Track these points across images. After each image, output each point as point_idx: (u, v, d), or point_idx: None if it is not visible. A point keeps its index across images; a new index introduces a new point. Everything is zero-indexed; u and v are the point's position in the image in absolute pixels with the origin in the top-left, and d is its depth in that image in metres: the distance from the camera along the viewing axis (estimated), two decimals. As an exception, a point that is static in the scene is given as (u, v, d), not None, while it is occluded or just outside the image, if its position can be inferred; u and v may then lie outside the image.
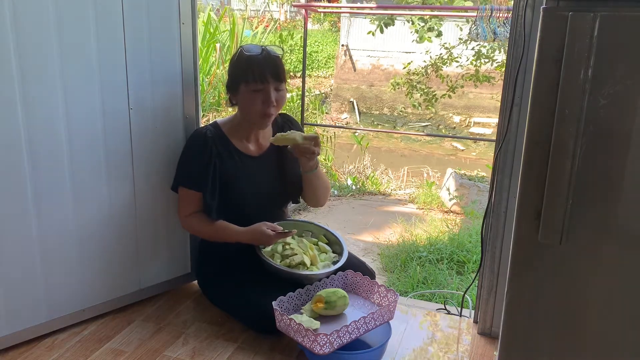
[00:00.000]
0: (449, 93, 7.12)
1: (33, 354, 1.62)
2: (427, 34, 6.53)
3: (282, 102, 1.81)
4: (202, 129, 1.85)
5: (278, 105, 1.80)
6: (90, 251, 1.73)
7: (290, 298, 1.70)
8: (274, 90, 1.76)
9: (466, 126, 11.44)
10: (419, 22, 6.53)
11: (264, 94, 1.75)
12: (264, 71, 1.74)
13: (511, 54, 1.57)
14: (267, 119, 1.81)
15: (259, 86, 1.75)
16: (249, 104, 1.78)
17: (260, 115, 1.78)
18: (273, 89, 1.76)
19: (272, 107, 1.77)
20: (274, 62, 1.77)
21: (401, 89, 7.89)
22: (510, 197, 1.65)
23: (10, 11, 1.41)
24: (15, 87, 1.46)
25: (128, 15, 1.66)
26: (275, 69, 1.76)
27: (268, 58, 1.76)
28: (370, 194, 5.94)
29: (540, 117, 1.12)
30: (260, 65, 1.74)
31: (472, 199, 5.22)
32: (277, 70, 1.76)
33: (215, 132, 1.84)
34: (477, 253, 3.65)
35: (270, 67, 1.75)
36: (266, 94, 1.75)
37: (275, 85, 1.77)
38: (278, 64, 1.78)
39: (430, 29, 6.52)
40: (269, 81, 1.75)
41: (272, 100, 1.76)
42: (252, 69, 1.74)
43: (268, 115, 1.79)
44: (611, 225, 1.13)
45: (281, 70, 1.78)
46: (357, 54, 12.68)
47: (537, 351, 1.25)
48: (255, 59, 1.75)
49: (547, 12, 1.09)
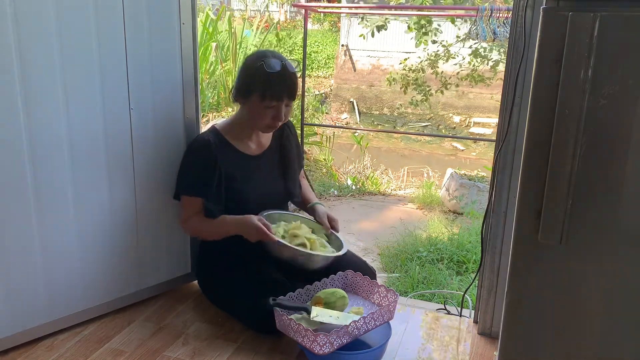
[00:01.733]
0: (441, 89, 7.15)
1: (33, 354, 1.62)
2: (422, 38, 6.57)
3: (289, 115, 1.87)
4: (204, 137, 1.84)
5: (285, 118, 1.83)
6: (91, 252, 1.73)
7: (290, 298, 1.70)
8: (284, 106, 1.79)
9: (466, 126, 11.44)
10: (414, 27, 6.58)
11: (276, 110, 1.78)
12: (282, 90, 1.76)
13: (511, 54, 1.57)
14: (271, 130, 1.87)
15: (273, 103, 1.76)
16: (258, 116, 1.79)
17: (266, 126, 1.83)
18: (284, 105, 1.79)
19: (280, 121, 1.81)
20: (291, 81, 1.78)
21: (397, 84, 7.91)
22: (510, 197, 1.65)
23: (11, 11, 1.41)
24: (17, 87, 1.46)
25: (128, 15, 1.66)
26: (291, 87, 1.78)
27: (286, 76, 1.77)
28: (370, 194, 5.95)
29: (540, 117, 1.12)
30: (278, 83, 1.75)
31: (472, 199, 5.22)
32: (292, 90, 1.79)
33: (216, 139, 1.83)
34: (477, 253, 3.65)
35: (287, 86, 1.77)
36: (277, 110, 1.78)
37: (286, 102, 1.80)
38: (295, 82, 1.79)
39: (425, 33, 6.55)
40: (284, 100, 1.77)
41: (282, 116, 1.79)
42: (270, 85, 1.74)
43: (275, 127, 1.84)
44: (611, 225, 1.13)
45: (296, 88, 1.80)
46: (357, 54, 12.67)
47: (537, 351, 1.25)
48: (274, 76, 1.74)
49: (547, 12, 1.09)
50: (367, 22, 7.03)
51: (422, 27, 6.54)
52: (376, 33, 6.69)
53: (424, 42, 6.62)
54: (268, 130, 1.87)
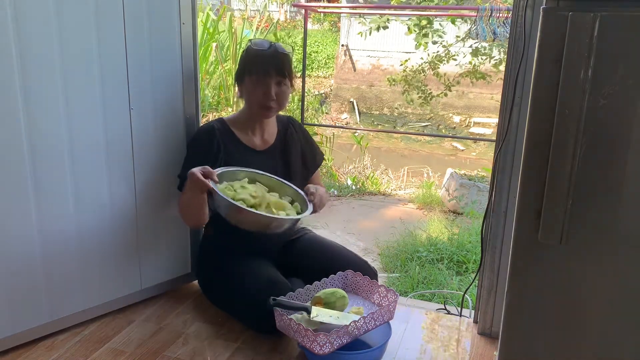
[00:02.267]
0: (445, 91, 7.13)
1: (33, 354, 1.62)
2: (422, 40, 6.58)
3: (283, 98, 1.84)
4: (208, 124, 1.87)
5: (279, 100, 1.82)
6: (91, 252, 1.73)
7: (290, 298, 1.70)
8: (275, 85, 1.80)
9: (466, 126, 11.44)
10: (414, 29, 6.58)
11: (265, 86, 1.79)
12: (268, 64, 1.79)
13: (511, 54, 1.57)
14: (266, 111, 1.84)
15: (260, 78, 1.79)
16: (251, 94, 1.82)
17: (259, 106, 1.82)
18: (274, 84, 1.80)
19: (272, 100, 1.80)
20: (279, 58, 1.81)
21: (397, 86, 7.91)
22: (510, 197, 1.65)
23: (11, 12, 1.41)
24: (17, 87, 1.46)
25: (129, 15, 1.66)
26: (278, 63, 1.80)
27: (274, 53, 1.81)
28: (370, 194, 5.95)
29: (540, 117, 1.12)
30: (265, 58, 1.79)
31: (472, 199, 5.23)
32: (280, 65, 1.80)
33: (221, 126, 1.86)
34: (477, 253, 3.65)
35: (275, 62, 1.80)
36: (267, 86, 1.79)
37: (277, 79, 1.80)
38: (283, 60, 1.82)
39: (425, 35, 6.55)
40: (271, 74, 1.79)
41: (272, 94, 1.79)
42: (256, 61, 1.80)
43: (267, 107, 1.82)
44: (611, 225, 1.13)
45: (285, 66, 1.82)
46: (357, 54, 12.68)
47: (537, 351, 1.25)
48: (261, 53, 1.80)
49: (547, 12, 1.09)
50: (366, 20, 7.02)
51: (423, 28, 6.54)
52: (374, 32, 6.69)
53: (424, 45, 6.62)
54: (263, 114, 1.85)
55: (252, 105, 1.85)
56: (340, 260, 1.89)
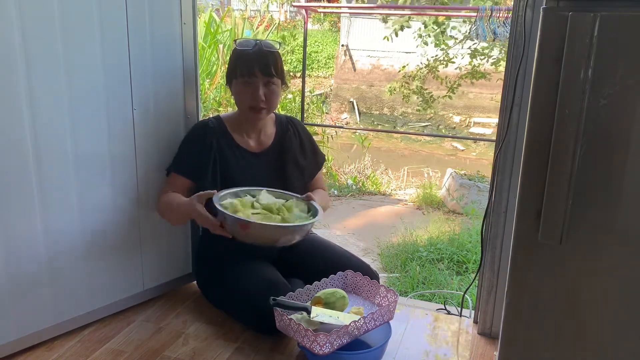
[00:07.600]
0: (449, 94, 7.13)
1: (33, 354, 1.62)
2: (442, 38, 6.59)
3: (273, 98, 1.79)
4: (204, 120, 1.86)
5: (268, 101, 1.78)
6: (95, 254, 1.73)
7: (290, 298, 1.70)
8: (263, 86, 1.76)
9: (466, 126, 11.44)
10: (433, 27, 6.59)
11: (252, 87, 1.75)
12: (252, 65, 1.74)
13: (511, 54, 1.57)
14: (256, 113, 1.80)
15: (246, 80, 1.75)
16: (239, 97, 1.80)
17: (248, 108, 1.79)
18: (262, 84, 1.76)
19: (261, 101, 1.76)
20: (264, 57, 1.75)
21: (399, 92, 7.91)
22: (510, 197, 1.65)
23: (16, 12, 1.41)
24: (21, 88, 1.45)
25: (131, 16, 1.66)
26: (264, 63, 1.74)
27: (259, 52, 1.75)
28: (370, 194, 5.95)
29: (540, 117, 1.12)
30: (249, 59, 1.74)
31: (472, 199, 5.23)
32: (266, 65, 1.75)
33: (217, 124, 1.84)
34: (477, 253, 3.65)
35: (260, 62, 1.74)
36: (254, 87, 1.75)
37: (264, 80, 1.76)
38: (269, 59, 1.76)
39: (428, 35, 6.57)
40: (257, 75, 1.74)
41: (260, 95, 1.75)
42: (241, 62, 1.76)
43: (256, 109, 1.78)
44: (611, 225, 1.13)
45: (272, 65, 1.76)
46: (357, 54, 12.68)
47: (537, 351, 1.25)
48: (245, 53, 1.76)
49: (547, 12, 1.09)
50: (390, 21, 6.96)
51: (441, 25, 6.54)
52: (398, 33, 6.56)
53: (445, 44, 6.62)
54: (255, 116, 1.80)
55: (241, 107, 1.82)
56: (342, 263, 1.89)
